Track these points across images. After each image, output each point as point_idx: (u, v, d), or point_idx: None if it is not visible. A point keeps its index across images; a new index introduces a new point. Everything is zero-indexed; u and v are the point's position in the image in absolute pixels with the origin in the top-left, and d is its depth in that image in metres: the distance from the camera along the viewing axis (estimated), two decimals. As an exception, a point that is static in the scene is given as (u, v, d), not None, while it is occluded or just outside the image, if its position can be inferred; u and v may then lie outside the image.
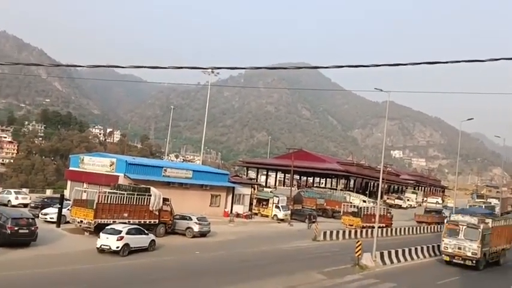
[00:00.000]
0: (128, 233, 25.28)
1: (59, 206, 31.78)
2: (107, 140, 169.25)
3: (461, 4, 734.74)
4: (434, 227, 56.45)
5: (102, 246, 24.73)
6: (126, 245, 24.96)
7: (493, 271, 31.13)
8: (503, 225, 33.83)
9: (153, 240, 27.35)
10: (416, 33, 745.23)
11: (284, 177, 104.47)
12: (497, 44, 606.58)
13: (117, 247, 24.53)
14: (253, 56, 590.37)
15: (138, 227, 27.66)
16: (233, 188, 52.06)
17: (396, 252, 30.38)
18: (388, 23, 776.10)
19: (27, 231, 23.89)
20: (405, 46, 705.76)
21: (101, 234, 25.21)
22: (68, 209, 31.04)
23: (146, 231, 27.55)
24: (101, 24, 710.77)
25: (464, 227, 29.87)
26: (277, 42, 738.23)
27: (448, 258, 30.34)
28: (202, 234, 33.91)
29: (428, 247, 34.38)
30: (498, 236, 32.12)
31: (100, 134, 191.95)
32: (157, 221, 31.69)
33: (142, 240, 26.50)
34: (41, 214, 33.09)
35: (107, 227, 26.19)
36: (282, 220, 51.28)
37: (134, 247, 25.56)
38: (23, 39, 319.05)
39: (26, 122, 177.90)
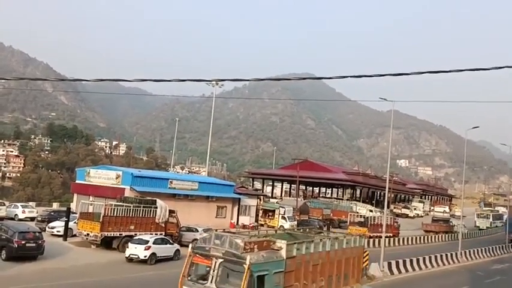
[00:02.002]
0: (154, 243, 26.46)
1: (66, 219, 31.79)
2: (113, 153, 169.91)
3: (464, 12, 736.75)
4: (442, 236, 56.29)
5: (131, 256, 25.88)
6: (153, 254, 26.12)
7: None
8: (329, 250, 16.30)
9: (178, 250, 28.21)
10: (419, 43, 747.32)
11: (290, 188, 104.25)
12: (501, 53, 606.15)
13: (145, 256, 25.74)
14: (257, 67, 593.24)
15: (164, 237, 28.86)
16: (239, 199, 51.97)
17: (404, 262, 29.97)
18: (392, 33, 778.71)
19: (34, 245, 23.90)
20: (409, 56, 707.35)
21: (129, 244, 26.58)
22: (75, 222, 31.06)
23: (171, 241, 28.68)
24: (105, 39, 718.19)
25: (219, 260, 13.56)
26: (281, 53, 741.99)
27: None
28: (209, 246, 33.81)
29: (436, 256, 34.10)
30: (311, 273, 15.21)
31: (106, 146, 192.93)
32: (163, 233, 31.62)
33: (168, 249, 27.56)
34: (48, 227, 33.07)
35: (134, 238, 27.48)
36: (289, 231, 50.99)
37: (161, 256, 26.68)
38: (28, 53, 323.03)
39: (32, 136, 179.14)
